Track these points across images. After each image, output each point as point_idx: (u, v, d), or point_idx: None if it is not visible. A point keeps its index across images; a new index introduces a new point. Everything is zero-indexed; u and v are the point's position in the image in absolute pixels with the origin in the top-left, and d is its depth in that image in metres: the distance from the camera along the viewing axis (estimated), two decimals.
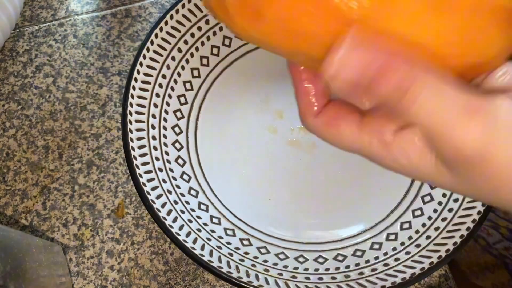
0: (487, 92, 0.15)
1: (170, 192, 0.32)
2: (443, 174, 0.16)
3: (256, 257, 0.31)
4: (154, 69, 0.34)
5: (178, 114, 0.36)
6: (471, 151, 0.15)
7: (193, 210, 0.32)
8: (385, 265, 0.30)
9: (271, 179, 0.35)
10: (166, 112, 0.35)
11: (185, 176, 0.34)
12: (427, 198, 0.32)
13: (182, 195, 0.33)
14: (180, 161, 0.34)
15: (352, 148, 0.18)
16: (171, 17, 0.34)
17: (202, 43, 0.36)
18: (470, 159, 0.15)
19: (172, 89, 0.35)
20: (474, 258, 0.50)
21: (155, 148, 0.33)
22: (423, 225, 0.31)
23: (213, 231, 0.32)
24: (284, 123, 0.37)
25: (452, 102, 0.15)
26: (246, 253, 0.31)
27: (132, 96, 0.33)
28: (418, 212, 0.32)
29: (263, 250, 0.32)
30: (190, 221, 0.31)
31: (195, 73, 0.36)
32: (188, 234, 0.30)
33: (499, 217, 0.46)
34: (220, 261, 0.29)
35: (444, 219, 0.30)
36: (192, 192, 0.33)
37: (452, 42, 0.15)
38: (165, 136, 0.34)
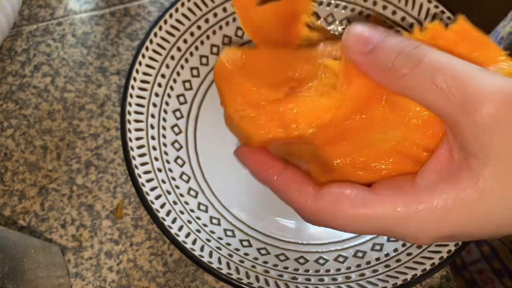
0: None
1: (169, 193, 0.32)
2: None
3: (256, 258, 0.31)
4: (153, 68, 0.34)
5: (178, 113, 0.35)
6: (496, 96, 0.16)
7: (192, 210, 0.32)
8: (386, 266, 0.30)
9: None
10: (165, 111, 0.34)
11: (184, 177, 0.34)
12: None
13: (182, 195, 0.32)
14: (179, 161, 0.34)
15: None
16: (170, 16, 0.34)
17: (202, 42, 0.36)
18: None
19: (171, 88, 0.35)
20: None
21: (154, 148, 0.33)
22: None
23: (212, 232, 0.31)
24: None
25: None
26: (246, 254, 0.31)
27: (131, 96, 0.32)
28: None
29: (263, 251, 0.31)
30: (190, 222, 0.31)
31: (195, 72, 0.36)
32: (187, 235, 0.30)
33: None
34: (219, 262, 0.29)
35: None
36: (192, 192, 0.33)
37: None
38: (164, 136, 0.34)
